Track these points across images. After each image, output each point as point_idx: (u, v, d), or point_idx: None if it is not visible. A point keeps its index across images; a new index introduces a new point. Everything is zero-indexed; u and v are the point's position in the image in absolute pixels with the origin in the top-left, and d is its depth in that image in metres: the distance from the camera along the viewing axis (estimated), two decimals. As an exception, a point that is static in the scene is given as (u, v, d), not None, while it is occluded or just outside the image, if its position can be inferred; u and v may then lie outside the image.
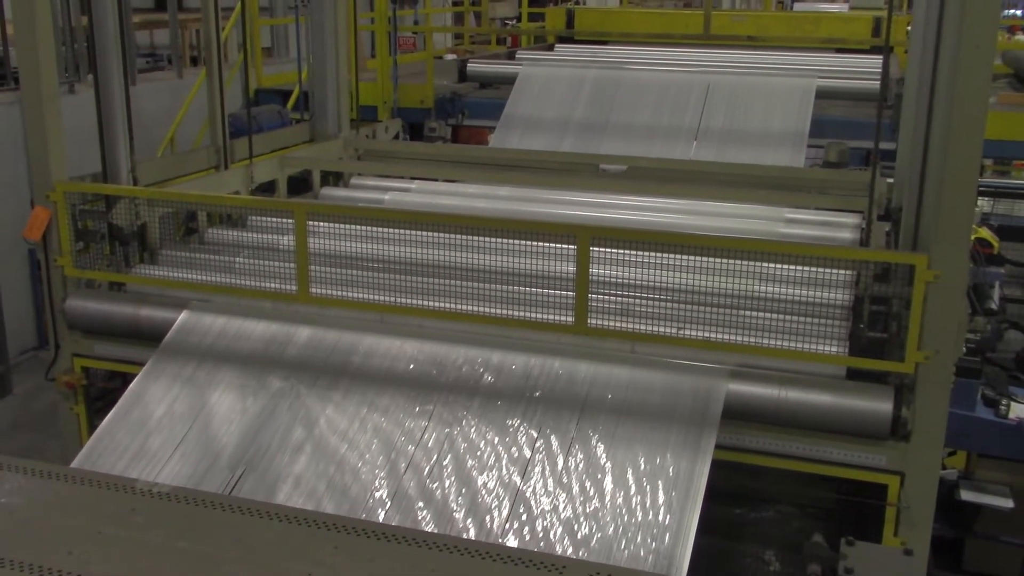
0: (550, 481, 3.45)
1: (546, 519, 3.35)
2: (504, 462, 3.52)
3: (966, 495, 4.39)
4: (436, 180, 5.87)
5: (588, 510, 3.35)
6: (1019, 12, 17.14)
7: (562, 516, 3.34)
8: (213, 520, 2.52)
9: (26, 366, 7.89)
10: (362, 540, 2.43)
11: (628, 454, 3.48)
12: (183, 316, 4.23)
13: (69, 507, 2.58)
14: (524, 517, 3.36)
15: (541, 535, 3.31)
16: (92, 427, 4.48)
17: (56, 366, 4.58)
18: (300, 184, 5.95)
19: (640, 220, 4.92)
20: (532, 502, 3.39)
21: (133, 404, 3.96)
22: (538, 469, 3.48)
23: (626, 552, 3.22)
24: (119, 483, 2.69)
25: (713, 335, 3.68)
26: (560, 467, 3.48)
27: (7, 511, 2.54)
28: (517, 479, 3.46)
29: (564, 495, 3.40)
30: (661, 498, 3.34)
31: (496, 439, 3.60)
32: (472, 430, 3.64)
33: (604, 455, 3.49)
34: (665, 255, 3.79)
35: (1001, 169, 10.14)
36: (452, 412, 3.70)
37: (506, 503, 3.40)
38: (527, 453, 3.53)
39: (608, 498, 3.37)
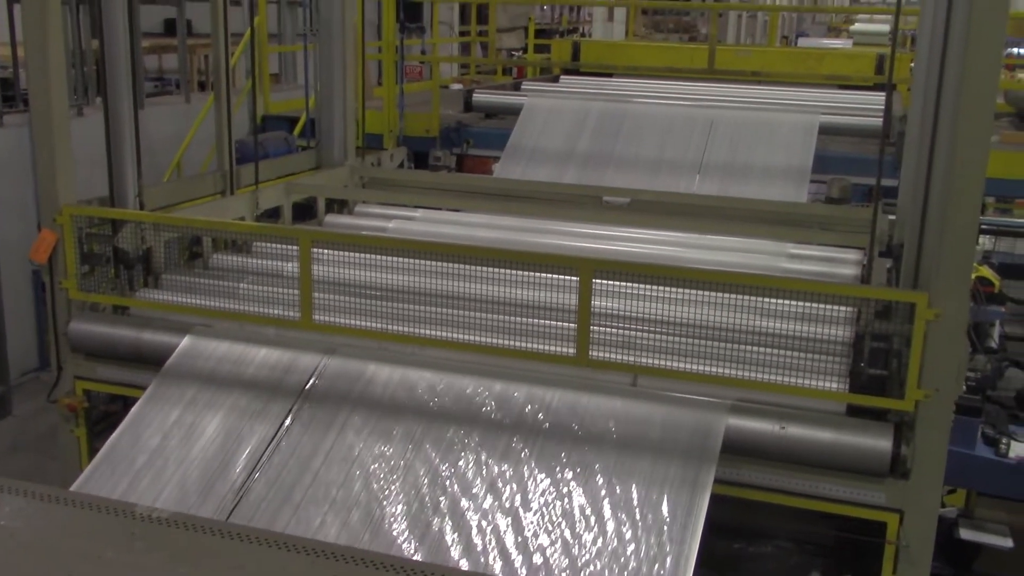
0: (549, 512, 3.44)
1: (545, 550, 3.34)
2: (504, 492, 3.52)
3: (966, 534, 4.37)
4: (440, 209, 5.90)
5: (587, 542, 3.35)
6: (1020, 52, 17.24)
7: (561, 547, 3.34)
8: (213, 546, 2.52)
9: (27, 387, 7.88)
10: (361, 569, 2.43)
11: (628, 487, 3.48)
12: (186, 341, 4.25)
13: (69, 531, 2.58)
14: (523, 547, 3.35)
15: (540, 566, 3.30)
16: (92, 450, 4.48)
17: (58, 388, 4.59)
18: (305, 210, 5.98)
19: (643, 253, 4.94)
20: (531, 533, 3.39)
21: (134, 428, 3.97)
22: (538, 500, 3.48)
23: (624, 585, 3.22)
24: (119, 507, 2.69)
25: (714, 369, 3.69)
26: (560, 498, 3.48)
27: (7, 534, 2.55)
28: (517, 509, 3.46)
29: (563, 526, 3.40)
30: (660, 531, 3.34)
31: (496, 469, 3.60)
32: (472, 460, 3.64)
33: (604, 487, 3.49)
34: (667, 289, 3.80)
35: (1003, 207, 10.18)
36: (453, 441, 3.70)
37: (506, 533, 3.40)
38: (527, 483, 3.53)
39: (607, 530, 3.37)
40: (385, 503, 3.54)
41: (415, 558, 3.34)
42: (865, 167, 6.86)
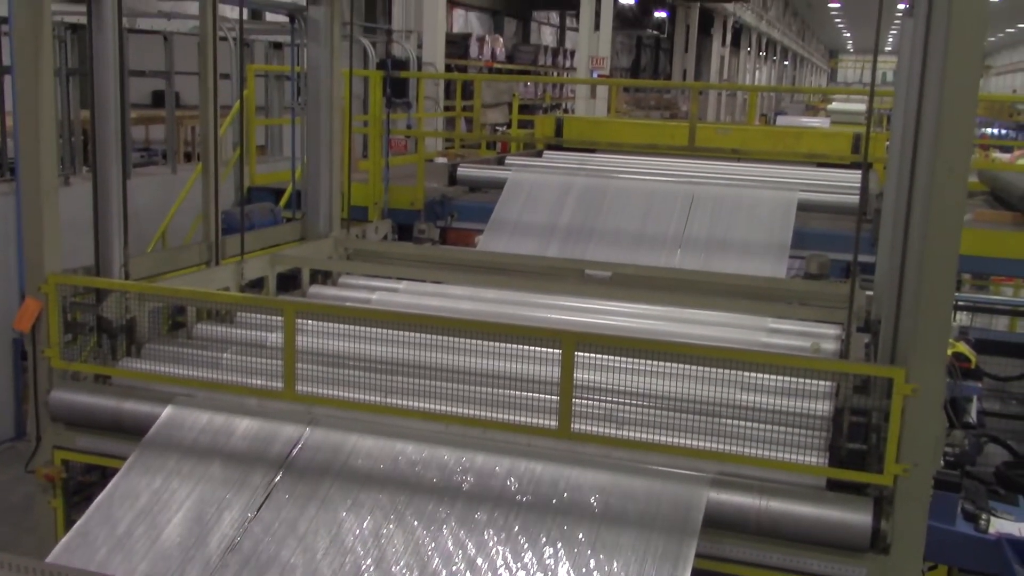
0: (530, 587, 3.43)
1: (525, 626, 3.32)
2: (485, 565, 3.50)
3: (947, 610, 4.37)
4: (424, 281, 5.94)
5: (568, 617, 3.32)
6: (994, 131, 17.66)
7: (541, 623, 3.31)
8: (191, 619, 2.50)
9: (3, 457, 7.80)
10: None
11: (610, 560, 3.46)
12: (168, 411, 4.23)
13: (46, 602, 2.56)
14: (503, 623, 3.33)
15: (520, 642, 3.27)
16: (69, 522, 4.42)
17: (36, 458, 4.54)
18: (289, 281, 6.00)
19: (624, 326, 4.98)
20: (512, 608, 3.37)
21: (113, 498, 3.93)
22: (519, 574, 3.46)
23: (605, 661, 3.19)
24: (97, 579, 2.67)
25: (695, 443, 3.71)
26: (542, 571, 3.46)
27: (-18, 605, 2.52)
28: (497, 584, 3.44)
29: (544, 601, 3.38)
30: (641, 607, 3.32)
31: (478, 542, 3.58)
32: (453, 533, 3.62)
33: (586, 560, 3.47)
34: (649, 362, 3.84)
35: (979, 284, 10.34)
36: (434, 514, 3.69)
37: (485, 608, 3.37)
38: (509, 556, 3.52)
39: (588, 605, 3.35)
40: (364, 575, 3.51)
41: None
42: (843, 243, 6.95)
